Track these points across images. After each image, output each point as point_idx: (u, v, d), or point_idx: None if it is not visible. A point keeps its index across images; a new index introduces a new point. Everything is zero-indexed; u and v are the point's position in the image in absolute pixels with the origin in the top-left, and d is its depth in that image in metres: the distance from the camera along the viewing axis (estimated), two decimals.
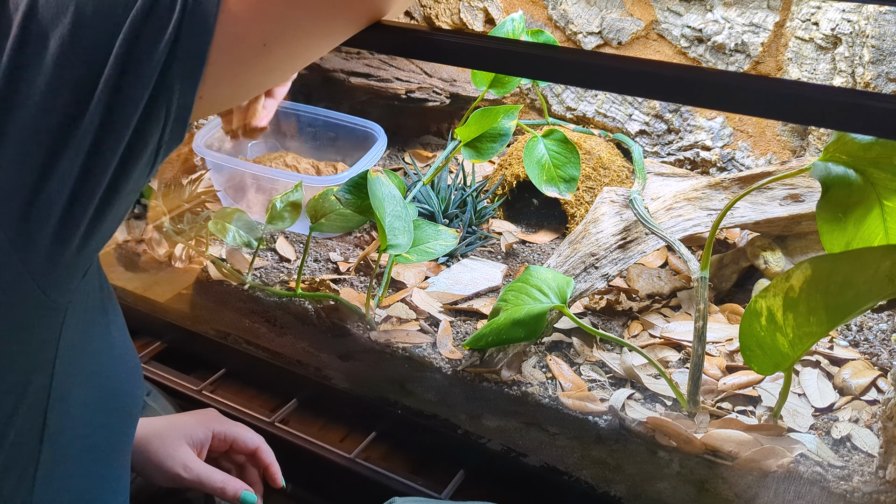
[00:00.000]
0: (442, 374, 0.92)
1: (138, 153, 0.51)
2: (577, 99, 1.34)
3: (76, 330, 0.56)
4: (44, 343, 0.54)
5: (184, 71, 0.50)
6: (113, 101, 0.48)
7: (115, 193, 0.51)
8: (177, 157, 1.25)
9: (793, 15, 1.14)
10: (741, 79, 0.54)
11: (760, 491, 0.77)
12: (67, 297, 0.54)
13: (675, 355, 0.92)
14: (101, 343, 0.60)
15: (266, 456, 0.84)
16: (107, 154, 0.49)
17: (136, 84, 0.49)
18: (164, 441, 0.79)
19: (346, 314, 1.00)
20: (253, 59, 0.54)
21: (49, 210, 0.49)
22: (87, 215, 0.50)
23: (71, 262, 0.52)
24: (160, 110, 0.50)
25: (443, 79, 1.36)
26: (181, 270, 1.12)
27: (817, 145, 1.15)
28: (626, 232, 0.97)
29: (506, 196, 1.21)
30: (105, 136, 0.49)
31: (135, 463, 0.78)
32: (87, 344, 0.58)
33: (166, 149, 0.53)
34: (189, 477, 0.78)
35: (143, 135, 0.50)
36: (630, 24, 1.27)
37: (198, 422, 0.83)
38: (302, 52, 0.57)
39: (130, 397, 0.64)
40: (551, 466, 0.88)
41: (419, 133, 1.45)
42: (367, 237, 1.18)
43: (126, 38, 0.48)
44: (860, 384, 0.84)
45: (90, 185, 0.50)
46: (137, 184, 0.53)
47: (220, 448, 0.83)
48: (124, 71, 0.48)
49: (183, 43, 0.49)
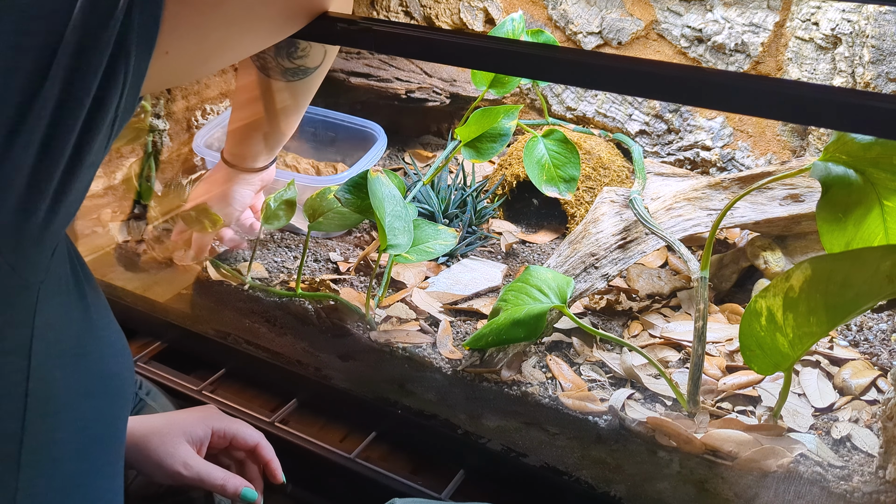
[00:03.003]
0: (442, 374, 0.92)
1: (99, 120, 0.51)
2: (577, 99, 1.34)
3: (52, 311, 0.55)
4: (18, 323, 0.54)
5: (140, 34, 0.51)
6: (72, 66, 0.49)
7: (78, 163, 0.51)
8: (177, 157, 1.25)
9: (793, 15, 1.14)
10: (741, 79, 0.54)
11: (760, 491, 0.77)
12: (38, 277, 0.54)
13: (675, 355, 0.92)
14: (82, 325, 0.59)
15: (266, 452, 0.84)
16: (68, 121, 0.49)
17: (95, 49, 0.49)
18: (163, 439, 0.78)
19: (346, 314, 1.00)
20: (207, 7, 0.57)
21: (12, 180, 0.49)
22: (52, 185, 0.50)
23: (38, 236, 0.52)
24: (119, 74, 0.50)
25: (443, 79, 1.36)
26: (181, 270, 1.12)
27: (817, 145, 1.15)
28: (626, 232, 0.97)
29: (506, 196, 1.21)
30: (66, 102, 0.49)
31: (134, 461, 0.78)
32: (67, 326, 0.57)
33: (122, 118, 0.53)
34: (189, 475, 0.77)
35: (104, 100, 0.50)
36: (630, 24, 1.27)
37: (197, 419, 0.82)
38: (254, 6, 0.60)
39: (119, 379, 0.63)
40: (551, 466, 0.88)
41: (419, 133, 1.45)
42: (366, 237, 1.18)
43: (84, 4, 0.48)
44: (860, 384, 0.84)
45: (54, 154, 0.50)
46: (98, 155, 0.53)
47: (219, 445, 0.83)
48: (84, 35, 0.48)
49: (138, 4, 0.50)
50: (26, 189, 0.49)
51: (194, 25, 0.57)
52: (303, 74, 0.86)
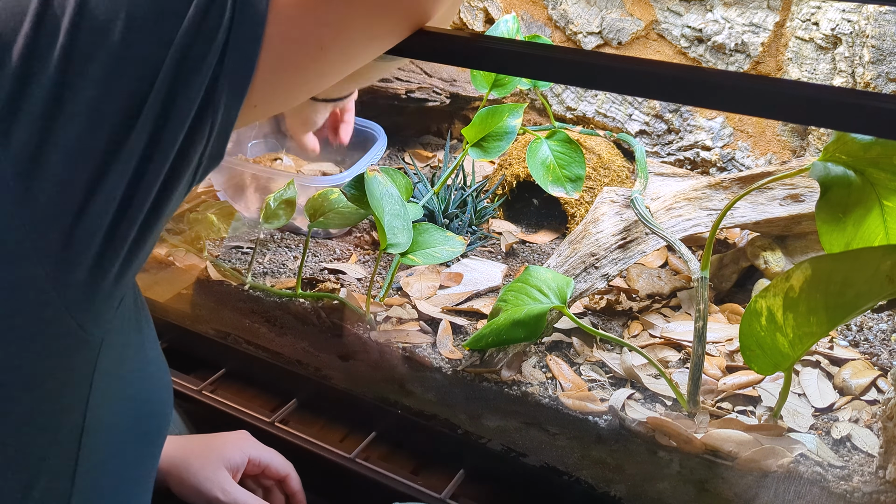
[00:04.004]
0: (442, 375, 0.92)
1: (181, 172, 0.47)
2: (577, 99, 1.34)
3: (111, 358, 0.53)
4: (79, 379, 0.51)
5: (231, 85, 0.46)
6: (161, 116, 0.45)
7: (156, 215, 0.48)
8: None
9: (793, 15, 1.14)
10: (741, 79, 0.54)
11: (760, 491, 0.77)
12: (104, 329, 0.51)
13: (675, 355, 0.92)
14: (136, 364, 0.57)
15: (294, 483, 0.87)
16: (152, 173, 0.46)
17: (185, 98, 0.45)
18: (203, 463, 0.80)
19: (346, 314, 1.00)
20: (307, 63, 0.51)
21: (91, 236, 0.45)
22: (129, 240, 0.47)
23: (109, 291, 0.49)
24: (205, 126, 0.47)
25: (443, 79, 1.36)
26: (181, 270, 1.12)
27: (817, 145, 1.15)
28: (626, 232, 0.97)
29: (506, 196, 1.21)
30: (151, 153, 0.45)
31: (171, 482, 0.80)
32: (122, 369, 0.55)
33: (206, 167, 0.49)
34: (227, 500, 0.80)
35: (187, 152, 0.47)
36: (630, 24, 1.27)
37: (235, 446, 0.85)
38: (355, 54, 0.53)
39: (163, 417, 0.62)
40: (551, 466, 0.88)
41: (419, 133, 1.45)
42: (367, 237, 1.18)
43: (178, 48, 0.44)
44: (860, 384, 0.84)
45: (134, 208, 0.46)
46: (176, 204, 0.49)
47: (252, 472, 0.86)
48: (174, 84, 0.44)
49: (231, 54, 0.45)
50: (103, 245, 0.46)
51: (290, 84, 0.52)
52: None
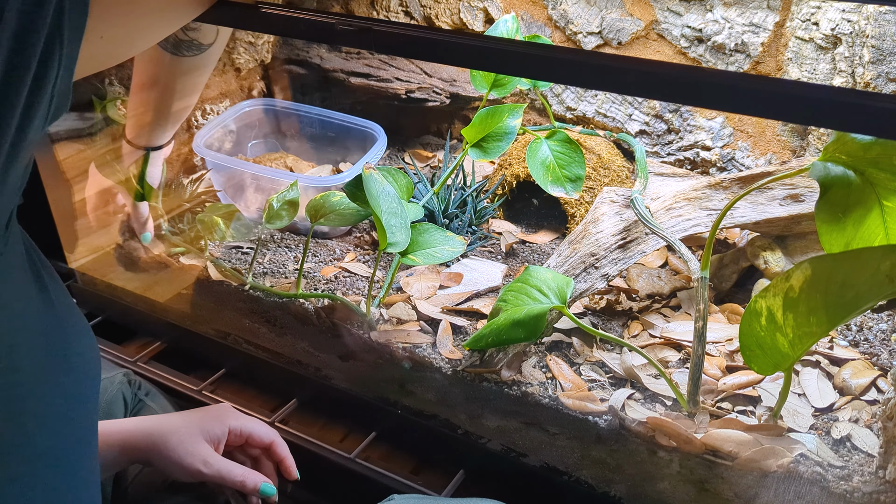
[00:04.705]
0: (442, 375, 0.92)
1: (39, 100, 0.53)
2: (577, 99, 1.34)
3: (10, 291, 0.56)
4: None
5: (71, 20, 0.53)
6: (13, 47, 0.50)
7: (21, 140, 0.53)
8: (177, 157, 1.25)
9: (793, 15, 1.14)
10: (741, 79, 0.54)
11: (760, 491, 0.77)
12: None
13: (675, 355, 0.92)
14: (40, 305, 0.60)
15: (281, 449, 0.86)
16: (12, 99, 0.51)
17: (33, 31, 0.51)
18: (182, 438, 0.80)
19: (346, 314, 1.00)
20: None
21: None
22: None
23: None
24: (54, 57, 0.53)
25: (443, 79, 1.36)
26: (181, 270, 1.12)
27: (817, 145, 1.15)
28: (626, 232, 0.97)
29: (506, 196, 1.21)
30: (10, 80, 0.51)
31: (154, 459, 0.79)
32: (27, 302, 0.58)
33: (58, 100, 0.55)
34: (209, 472, 0.79)
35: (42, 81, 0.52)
36: (630, 24, 1.27)
37: (214, 417, 0.84)
38: None
39: (81, 357, 0.64)
40: (551, 466, 0.88)
41: (419, 133, 1.45)
42: (367, 237, 1.18)
43: None
44: (860, 384, 0.84)
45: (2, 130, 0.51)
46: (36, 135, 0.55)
47: (235, 443, 0.85)
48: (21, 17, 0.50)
49: None
50: None
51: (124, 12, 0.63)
52: (196, 50, 0.91)
